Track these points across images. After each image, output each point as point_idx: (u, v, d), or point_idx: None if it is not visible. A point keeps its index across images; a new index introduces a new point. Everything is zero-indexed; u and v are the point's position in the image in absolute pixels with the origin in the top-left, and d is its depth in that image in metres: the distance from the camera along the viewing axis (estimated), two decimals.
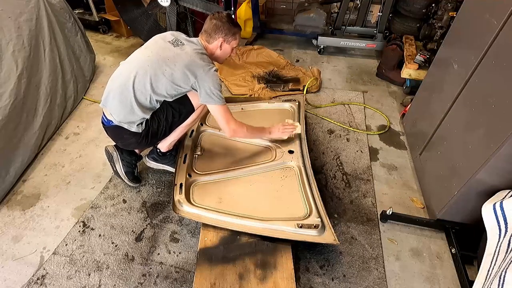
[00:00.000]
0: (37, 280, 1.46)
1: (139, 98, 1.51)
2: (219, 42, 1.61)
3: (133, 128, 1.56)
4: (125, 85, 1.51)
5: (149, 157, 1.90)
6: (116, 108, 1.54)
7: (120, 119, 1.55)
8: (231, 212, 1.57)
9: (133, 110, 1.52)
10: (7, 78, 1.84)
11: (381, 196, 1.90)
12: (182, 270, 1.52)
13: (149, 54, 1.53)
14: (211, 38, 1.60)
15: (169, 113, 1.62)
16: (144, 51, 1.57)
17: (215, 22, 1.57)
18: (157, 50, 1.53)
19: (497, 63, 1.40)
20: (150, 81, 1.48)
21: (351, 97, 2.74)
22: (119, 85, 1.53)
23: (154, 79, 1.49)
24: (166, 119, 1.62)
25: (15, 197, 1.83)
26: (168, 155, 1.87)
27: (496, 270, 1.17)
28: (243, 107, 2.29)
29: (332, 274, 1.51)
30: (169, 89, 1.52)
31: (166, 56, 1.50)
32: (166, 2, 2.59)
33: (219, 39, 1.60)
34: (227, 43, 1.63)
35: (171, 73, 1.48)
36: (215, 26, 1.57)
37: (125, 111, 1.52)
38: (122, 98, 1.51)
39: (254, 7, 3.37)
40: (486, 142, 1.35)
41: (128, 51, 3.34)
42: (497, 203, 1.30)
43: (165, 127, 1.64)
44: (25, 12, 2.09)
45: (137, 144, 1.67)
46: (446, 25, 2.45)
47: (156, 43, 1.58)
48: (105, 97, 1.59)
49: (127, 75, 1.52)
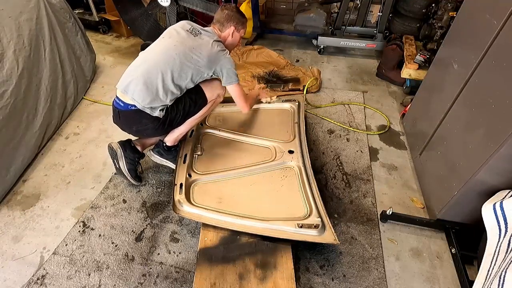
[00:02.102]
0: (37, 280, 1.46)
1: (167, 83, 1.59)
2: (230, 31, 1.76)
3: (155, 113, 1.63)
4: (152, 71, 1.58)
5: (154, 151, 1.92)
6: (141, 93, 1.58)
7: (145, 103, 1.59)
8: (231, 212, 1.57)
9: (159, 95, 1.59)
10: (8, 77, 1.85)
11: (381, 196, 1.90)
12: (182, 270, 1.52)
13: (175, 44, 1.62)
14: (223, 27, 1.75)
15: (187, 103, 1.72)
16: (169, 41, 1.66)
17: (227, 12, 1.73)
18: (181, 40, 1.64)
19: (497, 63, 1.39)
20: (178, 68, 1.59)
21: (351, 97, 2.74)
22: (146, 71, 1.59)
23: (182, 66, 1.59)
24: (184, 108, 1.72)
25: (15, 197, 1.83)
26: (172, 151, 1.90)
27: (496, 270, 1.17)
28: None
29: (332, 274, 1.51)
30: (195, 75, 1.64)
31: (191, 45, 1.62)
32: (166, 2, 2.59)
33: (231, 28, 1.75)
34: (237, 31, 1.79)
35: (197, 61, 1.61)
36: (227, 15, 1.73)
37: (151, 96, 1.58)
38: (149, 84, 1.58)
39: (254, 7, 3.37)
40: (486, 142, 1.35)
41: (128, 51, 3.34)
42: (497, 203, 1.30)
43: (182, 116, 1.74)
44: (26, 12, 2.09)
45: (154, 130, 1.71)
46: (446, 25, 2.45)
47: (179, 34, 1.67)
48: (126, 84, 1.60)
49: (154, 63, 1.60)
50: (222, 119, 2.19)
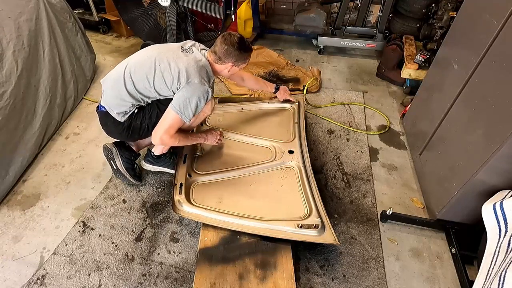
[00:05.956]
0: (37, 280, 1.46)
1: (128, 86, 1.56)
2: (228, 66, 1.60)
3: (115, 115, 1.61)
4: (120, 72, 1.57)
5: (145, 160, 1.93)
6: (108, 93, 1.62)
7: (107, 103, 1.61)
8: (231, 212, 1.57)
9: (121, 97, 1.57)
10: (7, 78, 1.85)
11: (381, 196, 1.90)
12: (182, 270, 1.52)
13: (155, 50, 1.59)
14: (220, 61, 1.58)
15: (154, 113, 1.65)
16: (154, 46, 1.64)
17: (226, 47, 1.52)
18: (163, 49, 1.60)
19: (497, 63, 1.39)
20: (142, 72, 1.53)
21: (351, 97, 2.74)
22: (117, 72, 1.60)
23: (147, 71, 1.53)
24: (150, 118, 1.66)
25: (15, 197, 1.83)
26: (163, 158, 1.89)
27: (496, 270, 1.17)
28: (243, 107, 2.29)
29: (332, 274, 1.51)
30: (157, 84, 1.53)
31: (167, 55, 1.54)
32: (166, 2, 2.59)
33: (228, 64, 1.58)
34: (236, 67, 1.62)
35: (162, 70, 1.51)
36: (225, 52, 1.53)
37: (114, 96, 1.59)
38: (114, 84, 1.58)
39: (254, 7, 3.37)
40: (486, 142, 1.35)
41: (128, 51, 3.34)
42: (497, 203, 1.30)
43: (148, 125, 1.67)
44: (25, 12, 2.09)
45: (118, 134, 1.71)
46: (446, 25, 2.45)
47: (169, 44, 1.66)
48: (104, 79, 1.67)
49: (126, 64, 1.59)
50: (222, 119, 2.19)
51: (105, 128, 1.75)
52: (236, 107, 2.28)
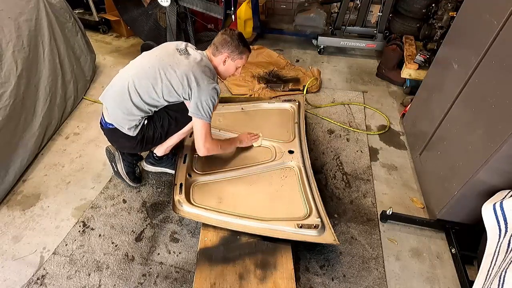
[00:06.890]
0: (37, 280, 1.46)
1: (134, 99, 1.50)
2: (223, 57, 1.58)
3: (126, 130, 1.56)
4: (123, 86, 1.51)
5: (146, 161, 1.91)
6: (113, 110, 1.55)
7: (115, 120, 1.56)
8: (231, 212, 1.57)
9: (129, 111, 1.52)
10: (7, 78, 1.84)
11: (381, 196, 1.90)
12: (182, 270, 1.52)
13: (153, 58, 1.53)
14: (217, 51, 1.58)
15: (166, 121, 1.63)
16: (150, 54, 1.58)
17: (224, 37, 1.55)
18: (162, 55, 1.54)
19: (497, 63, 1.39)
20: (148, 83, 1.49)
21: (351, 97, 2.74)
22: (118, 86, 1.54)
23: (153, 81, 1.48)
24: (162, 126, 1.63)
25: (15, 197, 1.83)
26: (165, 159, 1.88)
27: (496, 270, 1.17)
28: (243, 107, 2.29)
29: (332, 274, 1.51)
30: (166, 93, 1.51)
31: (169, 61, 1.50)
32: (166, 2, 2.59)
33: (224, 54, 1.57)
34: (232, 60, 1.60)
35: (169, 78, 1.48)
36: (223, 40, 1.55)
37: (120, 112, 1.53)
38: (118, 99, 1.52)
39: (254, 7, 3.37)
40: (486, 142, 1.35)
41: (128, 51, 3.34)
42: (497, 203, 1.30)
43: (161, 133, 1.65)
44: (25, 13, 2.09)
45: (132, 148, 1.67)
46: (446, 25, 2.45)
47: (164, 48, 1.59)
48: (103, 96, 1.60)
49: (126, 76, 1.53)
50: (222, 119, 2.19)
51: (116, 144, 1.72)
52: (236, 107, 2.29)
